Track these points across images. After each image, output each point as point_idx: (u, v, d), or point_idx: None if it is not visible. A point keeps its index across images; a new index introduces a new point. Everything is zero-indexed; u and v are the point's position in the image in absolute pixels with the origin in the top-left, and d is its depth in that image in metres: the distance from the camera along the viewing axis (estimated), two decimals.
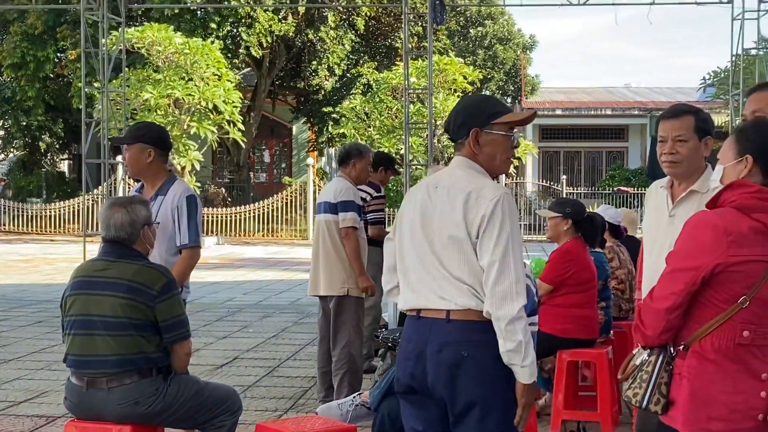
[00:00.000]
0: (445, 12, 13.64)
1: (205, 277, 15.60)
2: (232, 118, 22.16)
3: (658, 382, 2.87)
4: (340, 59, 28.15)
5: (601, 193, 28.85)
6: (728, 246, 2.72)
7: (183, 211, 4.82)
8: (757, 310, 2.74)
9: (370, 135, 24.42)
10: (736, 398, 2.76)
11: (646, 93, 37.24)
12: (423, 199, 3.29)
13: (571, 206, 5.99)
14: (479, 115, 3.28)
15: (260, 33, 25.59)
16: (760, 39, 14.20)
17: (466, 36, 36.65)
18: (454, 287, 3.15)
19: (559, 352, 5.86)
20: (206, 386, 4.37)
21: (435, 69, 21.54)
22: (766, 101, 3.57)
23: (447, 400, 3.19)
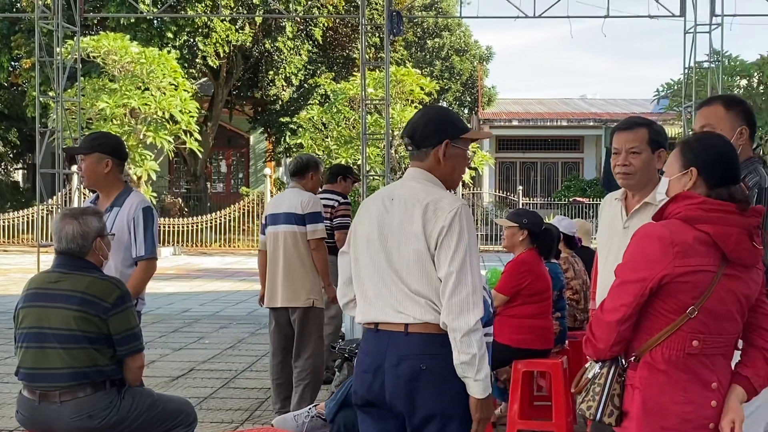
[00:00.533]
0: (402, 23, 13.68)
1: (161, 288, 15.46)
2: (188, 127, 22.04)
3: (610, 394, 2.89)
4: (298, 69, 28.13)
5: (556, 204, 29.08)
6: (674, 257, 2.76)
7: (139, 223, 4.78)
8: (706, 319, 2.78)
9: (328, 145, 24.41)
10: (687, 408, 2.80)
11: (601, 104, 37.63)
12: (379, 212, 3.26)
13: (528, 217, 6.03)
14: (451, 127, 3.29)
15: (217, 43, 25.50)
16: (711, 52, 14.40)
17: (423, 47, 36.80)
18: (412, 301, 3.15)
19: (514, 363, 5.90)
20: (161, 398, 4.34)
21: (392, 80, 21.61)
22: (715, 116, 3.62)
23: (405, 413, 3.19)
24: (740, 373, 2.90)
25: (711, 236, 2.77)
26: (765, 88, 21.31)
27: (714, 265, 2.77)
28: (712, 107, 3.66)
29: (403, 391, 3.15)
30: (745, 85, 21.44)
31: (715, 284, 2.77)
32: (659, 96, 22.21)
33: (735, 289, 2.81)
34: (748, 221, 2.81)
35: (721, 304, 2.79)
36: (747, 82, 21.42)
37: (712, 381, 2.82)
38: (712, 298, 2.77)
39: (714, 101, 3.73)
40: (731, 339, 2.87)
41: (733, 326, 2.85)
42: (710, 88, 14.56)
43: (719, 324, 2.80)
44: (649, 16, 13.72)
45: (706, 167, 2.87)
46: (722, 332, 2.82)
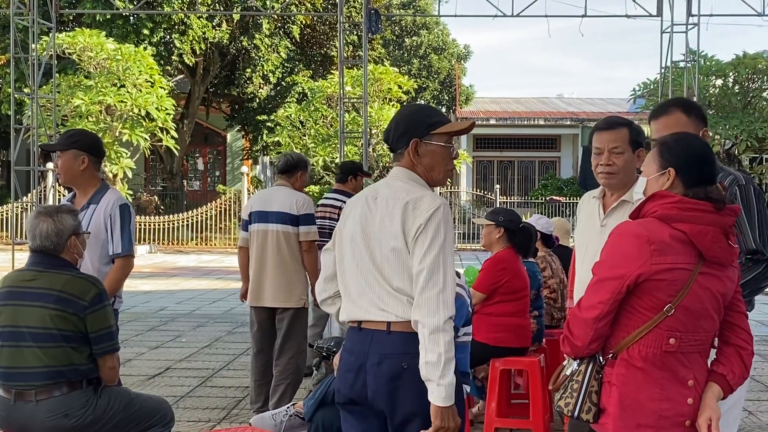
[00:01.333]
0: (380, 21, 13.69)
1: (138, 286, 15.38)
2: (165, 125, 21.93)
3: (588, 390, 2.92)
4: (275, 67, 28.05)
5: (533, 203, 29.18)
6: (651, 254, 2.78)
7: (116, 220, 4.76)
8: (682, 317, 2.81)
9: (305, 143, 24.36)
10: (664, 405, 2.82)
11: (578, 103, 37.81)
12: (363, 211, 3.27)
13: (504, 215, 6.06)
14: (419, 125, 3.26)
15: (194, 40, 25.39)
16: (688, 52, 14.51)
17: (401, 45, 36.83)
18: (394, 299, 3.14)
19: (492, 361, 5.91)
20: (137, 397, 4.31)
21: (370, 78, 21.60)
22: (678, 124, 3.59)
23: (387, 412, 3.18)
24: (716, 371, 2.93)
25: (687, 235, 2.80)
26: (740, 87, 21.49)
27: (690, 263, 2.80)
28: (673, 115, 3.66)
29: (385, 390, 3.14)
30: (720, 84, 21.60)
31: (691, 282, 2.79)
32: (636, 95, 22.36)
33: (711, 287, 2.83)
34: (723, 220, 2.84)
35: (698, 302, 2.81)
36: (722, 82, 21.59)
37: (689, 378, 2.84)
38: (689, 296, 2.80)
39: (672, 109, 3.71)
40: (708, 337, 2.89)
41: (710, 324, 2.87)
42: (686, 87, 14.67)
43: (696, 322, 2.83)
44: (626, 15, 13.81)
45: (684, 168, 2.90)
46: (699, 330, 2.84)
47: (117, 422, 4.12)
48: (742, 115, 20.53)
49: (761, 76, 21.33)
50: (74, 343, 3.97)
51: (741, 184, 3.57)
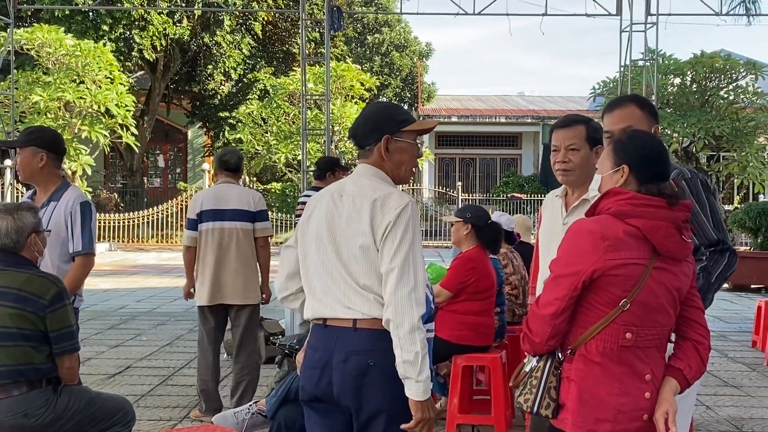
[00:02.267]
0: (342, 18, 13.66)
1: (98, 284, 15.23)
2: (125, 122, 21.72)
3: (547, 386, 2.95)
4: (237, 64, 27.91)
5: (495, 200, 29.31)
6: (605, 251, 2.82)
7: (76, 218, 4.71)
8: (638, 312, 2.85)
9: (267, 140, 24.29)
10: (623, 399, 2.86)
11: (538, 101, 38.02)
12: (328, 208, 3.25)
13: (472, 211, 6.08)
14: (390, 121, 3.27)
15: (154, 36, 25.18)
16: (646, 50, 14.65)
17: (363, 43, 36.79)
18: (360, 296, 3.14)
19: (454, 357, 5.94)
20: (98, 397, 4.28)
21: (332, 75, 21.58)
22: (633, 117, 3.63)
23: (353, 409, 3.18)
24: (673, 365, 2.96)
25: (640, 230, 2.84)
26: (698, 86, 21.73)
27: (644, 258, 2.84)
28: (628, 108, 3.70)
29: (351, 387, 3.14)
30: (678, 83, 21.83)
31: (646, 277, 2.83)
32: (595, 94, 22.51)
33: (666, 281, 2.87)
34: (676, 215, 2.88)
35: (653, 297, 2.85)
36: (680, 81, 21.81)
37: (646, 373, 2.88)
38: (644, 290, 2.84)
39: (627, 102, 3.76)
40: (664, 331, 2.93)
41: (666, 319, 2.91)
42: (645, 86, 14.82)
43: (652, 316, 2.86)
44: (586, 14, 13.92)
45: (638, 165, 2.94)
46: (655, 325, 2.88)
47: (77, 421, 4.09)
48: (700, 114, 20.75)
49: (718, 75, 21.57)
50: (34, 342, 3.93)
51: (687, 178, 3.60)
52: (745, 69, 21.53)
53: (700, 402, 7.07)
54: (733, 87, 21.73)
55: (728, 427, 6.48)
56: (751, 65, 21.60)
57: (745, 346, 9.92)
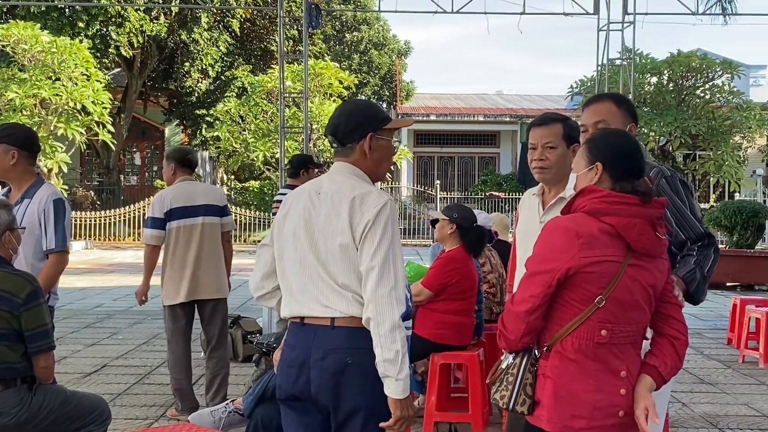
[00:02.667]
0: (320, 16, 13.65)
1: (74, 283, 15.14)
2: (101, 119, 21.56)
3: (523, 383, 2.96)
4: (214, 61, 27.79)
5: (473, 198, 29.38)
6: (580, 248, 2.84)
7: (50, 215, 4.68)
8: (613, 309, 2.86)
9: (245, 138, 24.21)
10: (598, 396, 2.87)
11: (516, 100, 38.12)
12: (306, 206, 3.23)
13: (459, 212, 6.03)
14: (374, 119, 3.26)
15: (131, 33, 25.02)
16: (624, 49, 14.73)
17: (342, 41, 36.75)
18: (338, 295, 3.13)
19: (431, 355, 5.93)
20: (73, 395, 4.25)
21: (311, 73, 21.54)
22: (608, 113, 3.69)
23: (331, 408, 3.17)
24: (649, 363, 2.98)
25: (615, 227, 2.85)
26: (674, 85, 21.86)
27: (619, 255, 2.85)
28: (604, 104, 3.74)
29: (329, 385, 3.13)
30: (655, 82, 21.96)
31: (621, 274, 2.85)
32: (573, 92, 22.62)
33: (641, 278, 2.89)
34: (650, 212, 2.90)
35: (628, 294, 2.86)
36: (657, 80, 21.94)
37: (621, 370, 2.89)
38: (619, 288, 2.85)
39: (605, 99, 3.81)
40: (639, 328, 2.95)
41: (641, 315, 2.93)
42: (622, 84, 14.90)
43: (627, 313, 2.88)
44: (564, 13, 13.98)
45: (611, 162, 2.96)
46: (630, 322, 2.90)
47: (52, 420, 4.06)
48: (676, 113, 20.89)
49: (695, 74, 21.73)
50: (8, 341, 3.90)
51: (666, 176, 3.63)
52: (721, 68, 21.71)
53: (675, 399, 7.12)
54: (710, 86, 21.90)
55: (704, 424, 6.51)
56: (727, 64, 21.78)
57: (720, 344, 9.99)
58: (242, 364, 8.25)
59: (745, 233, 16.30)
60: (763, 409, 6.99)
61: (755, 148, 28.20)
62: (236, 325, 8.59)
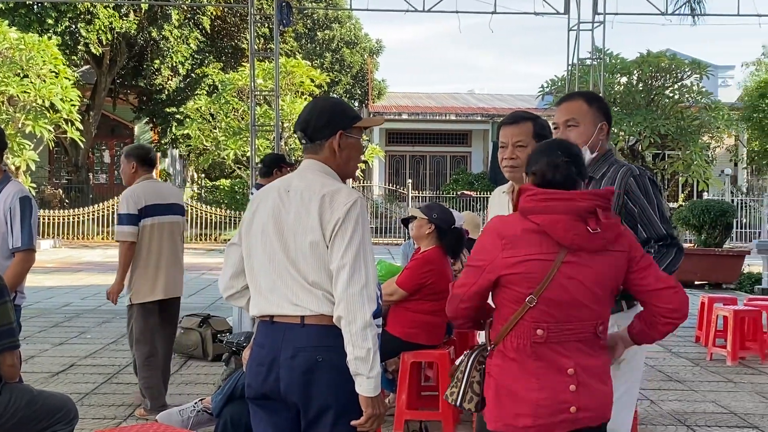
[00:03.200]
0: (291, 14, 13.59)
1: (41, 282, 15.00)
2: (69, 116, 21.36)
3: (470, 380, 3.00)
4: (185, 59, 27.62)
5: (445, 197, 29.43)
6: (503, 248, 2.86)
7: (16, 213, 4.63)
8: (547, 308, 2.84)
9: (216, 136, 24.09)
10: (542, 394, 2.86)
11: (488, 99, 38.22)
12: (275, 204, 3.21)
13: (438, 212, 5.98)
14: (344, 117, 3.26)
15: (100, 30, 24.81)
16: (594, 49, 14.81)
17: (314, 39, 36.69)
18: (308, 293, 3.11)
19: (402, 354, 5.93)
20: (40, 395, 4.20)
21: (282, 71, 21.47)
22: (578, 111, 3.73)
23: (301, 406, 3.15)
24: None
25: (539, 225, 2.84)
26: (644, 85, 22.01)
27: (548, 253, 2.83)
28: (575, 102, 3.77)
29: (299, 384, 3.12)
30: (625, 82, 22.10)
31: (553, 273, 2.82)
32: (544, 92, 22.70)
33: (578, 276, 2.84)
34: (578, 206, 2.85)
35: (563, 292, 2.83)
36: (627, 80, 22.09)
37: (569, 367, 2.87)
38: (552, 287, 2.83)
39: (576, 97, 3.84)
40: (586, 325, 2.89)
41: (586, 313, 2.88)
42: (592, 84, 14.98)
43: (565, 312, 2.84)
44: (534, 13, 14.02)
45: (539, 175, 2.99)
46: (571, 320, 2.86)
47: (19, 419, 4.02)
48: (646, 112, 21.04)
49: (664, 75, 21.90)
50: None
51: (635, 174, 3.63)
52: (690, 69, 21.89)
53: (644, 396, 7.16)
54: (678, 86, 22.08)
55: (672, 421, 6.56)
56: (696, 65, 21.97)
57: (688, 342, 10.07)
58: (212, 363, 8.20)
59: (713, 232, 16.44)
60: (730, 406, 7.05)
61: (723, 147, 28.51)
62: (206, 324, 8.55)
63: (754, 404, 7.13)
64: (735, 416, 6.74)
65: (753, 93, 29.71)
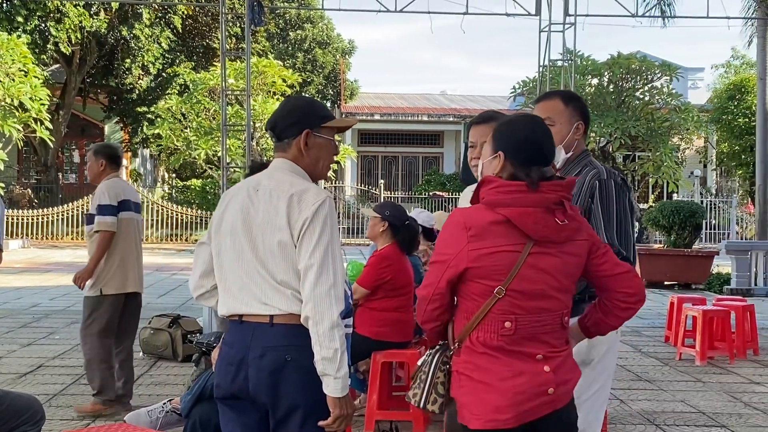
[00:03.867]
0: (263, 13, 13.52)
1: (9, 282, 14.86)
2: (39, 116, 21.15)
3: (433, 381, 2.94)
4: (156, 58, 27.44)
5: (417, 198, 29.47)
6: (469, 241, 2.81)
7: None
8: (515, 300, 2.80)
9: (187, 136, 23.95)
10: (518, 381, 2.80)
11: (460, 100, 38.33)
12: (244, 203, 3.20)
13: (391, 210, 6.09)
14: (312, 116, 3.24)
15: (70, 28, 24.59)
16: (565, 51, 14.86)
17: (286, 39, 36.60)
18: (276, 292, 3.10)
19: (373, 354, 5.93)
20: (6, 395, 4.16)
21: (254, 71, 21.39)
22: (554, 110, 3.70)
23: (269, 406, 3.13)
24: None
25: (506, 217, 2.80)
26: (615, 87, 22.13)
27: (516, 244, 2.79)
28: (551, 101, 3.76)
29: (267, 384, 3.10)
30: (596, 83, 22.21)
31: (520, 264, 2.78)
32: (516, 93, 22.75)
33: (547, 267, 2.82)
34: (546, 198, 2.83)
35: (531, 284, 2.80)
36: (598, 81, 22.19)
37: (538, 353, 2.83)
38: (519, 277, 2.79)
39: (553, 96, 3.83)
40: (553, 316, 2.87)
41: (553, 303, 2.86)
42: (563, 86, 15.03)
43: (533, 303, 2.81)
44: (506, 14, 14.03)
45: (512, 150, 2.91)
46: (540, 311, 2.83)
47: None
48: (617, 114, 21.14)
49: (634, 76, 22.01)
50: None
51: (602, 179, 3.58)
52: (660, 70, 22.04)
53: (614, 396, 7.20)
54: (649, 88, 22.21)
55: (641, 421, 6.60)
56: (666, 67, 22.12)
57: (658, 341, 10.14)
58: (182, 364, 8.15)
59: (682, 233, 16.58)
60: (699, 405, 7.10)
61: (693, 149, 28.72)
62: (176, 325, 8.50)
63: (723, 403, 7.18)
64: (704, 415, 6.79)
65: (722, 95, 30.04)
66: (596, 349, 3.49)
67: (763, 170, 18.58)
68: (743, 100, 29.08)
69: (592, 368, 3.49)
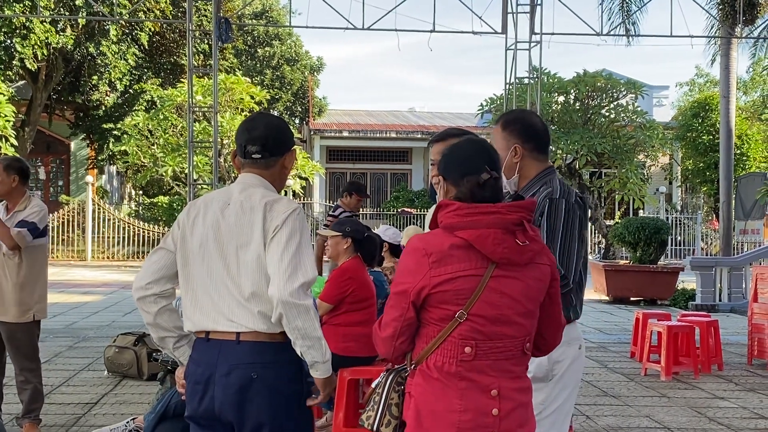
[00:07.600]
0: (231, 30, 13.52)
1: None
2: (4, 132, 20.94)
3: (387, 403, 2.86)
4: (123, 74, 27.27)
5: (385, 214, 29.48)
6: (430, 267, 2.74)
7: None
8: (477, 325, 2.73)
9: (154, 153, 23.82)
10: (464, 417, 2.73)
11: (428, 117, 38.47)
12: (215, 217, 3.19)
13: (351, 225, 6.13)
14: (292, 135, 3.38)
15: (36, 45, 24.38)
16: (531, 68, 14.98)
17: (254, 56, 36.58)
18: (243, 309, 3.09)
19: (340, 371, 5.90)
20: None
21: (222, 88, 21.34)
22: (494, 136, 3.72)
23: (235, 423, 3.13)
24: None
25: (466, 241, 2.73)
26: (581, 104, 22.32)
27: (477, 268, 2.73)
28: (495, 127, 3.77)
29: (233, 402, 3.09)
30: (562, 101, 22.38)
31: (482, 287, 2.72)
32: (483, 110, 22.86)
33: (509, 290, 2.75)
34: (506, 219, 2.76)
35: (493, 308, 2.73)
36: (564, 99, 22.37)
37: (492, 388, 2.75)
38: (481, 301, 2.73)
39: (498, 121, 3.80)
40: (515, 342, 2.80)
41: (516, 330, 2.79)
42: (530, 103, 15.16)
43: (495, 328, 2.75)
44: (472, 32, 14.13)
45: (448, 171, 2.90)
46: (501, 337, 2.76)
47: None
48: (583, 131, 21.29)
49: (600, 94, 22.19)
50: None
51: (553, 198, 3.52)
52: (626, 88, 22.24)
53: (579, 411, 7.23)
54: (614, 105, 22.41)
55: None
56: (631, 85, 22.34)
57: (624, 357, 10.20)
58: (147, 383, 8.08)
59: (648, 249, 16.72)
60: (664, 420, 7.15)
61: (658, 166, 29.04)
62: (141, 343, 8.42)
63: (688, 419, 7.24)
64: (668, 431, 6.84)
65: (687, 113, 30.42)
66: (558, 364, 3.50)
67: (727, 187, 18.82)
68: (707, 118, 29.48)
69: (554, 383, 3.50)
